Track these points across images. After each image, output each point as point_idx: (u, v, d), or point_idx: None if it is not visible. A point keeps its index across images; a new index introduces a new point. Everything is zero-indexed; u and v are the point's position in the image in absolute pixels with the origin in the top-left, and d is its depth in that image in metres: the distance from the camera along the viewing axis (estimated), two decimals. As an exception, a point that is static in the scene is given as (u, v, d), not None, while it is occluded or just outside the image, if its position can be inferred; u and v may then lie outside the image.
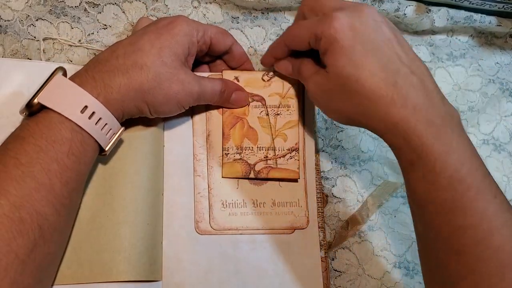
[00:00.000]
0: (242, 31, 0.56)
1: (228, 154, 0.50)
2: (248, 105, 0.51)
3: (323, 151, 0.55)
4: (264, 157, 0.50)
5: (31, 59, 0.51)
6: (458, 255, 0.37)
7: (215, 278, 0.47)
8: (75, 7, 0.53)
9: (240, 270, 0.48)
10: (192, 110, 0.50)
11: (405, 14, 0.57)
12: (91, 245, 0.43)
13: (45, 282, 0.39)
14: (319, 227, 0.50)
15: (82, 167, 0.40)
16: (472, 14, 0.59)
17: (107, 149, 0.42)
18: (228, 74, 0.51)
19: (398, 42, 0.41)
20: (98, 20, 0.53)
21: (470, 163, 0.38)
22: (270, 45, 0.50)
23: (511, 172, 0.59)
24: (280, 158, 0.50)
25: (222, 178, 0.50)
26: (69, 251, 0.43)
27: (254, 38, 0.56)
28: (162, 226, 0.47)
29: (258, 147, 0.50)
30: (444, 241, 0.38)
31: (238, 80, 0.51)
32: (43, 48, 0.51)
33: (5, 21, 0.51)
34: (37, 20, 0.51)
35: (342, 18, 0.40)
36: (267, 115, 0.51)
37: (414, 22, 0.58)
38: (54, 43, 0.52)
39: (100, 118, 0.40)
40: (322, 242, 0.50)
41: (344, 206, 0.54)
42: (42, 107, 0.39)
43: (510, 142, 0.61)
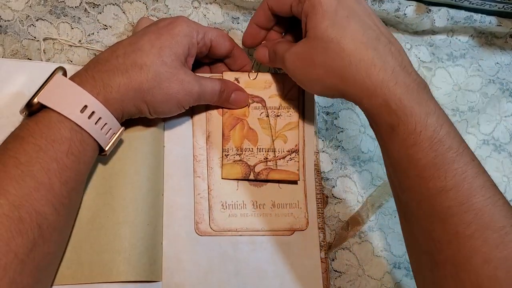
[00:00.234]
0: (242, 32, 0.56)
1: (228, 155, 0.50)
2: (248, 106, 0.51)
3: (323, 151, 0.55)
4: (264, 158, 0.50)
5: (31, 59, 0.51)
6: (442, 221, 0.38)
7: (215, 279, 0.47)
8: (75, 7, 0.53)
9: (240, 271, 0.48)
10: (192, 111, 0.50)
11: (405, 14, 0.57)
12: (91, 245, 0.43)
13: (44, 281, 0.39)
14: (319, 228, 0.50)
15: (82, 166, 0.40)
16: (472, 14, 0.59)
17: (107, 149, 0.42)
18: (229, 75, 0.51)
19: (376, 17, 0.43)
20: (98, 20, 0.53)
21: (448, 126, 0.39)
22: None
23: (511, 173, 0.59)
24: (280, 159, 0.50)
25: (222, 179, 0.50)
26: (69, 251, 0.43)
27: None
28: (162, 226, 0.47)
29: (258, 149, 0.50)
30: (427, 206, 0.39)
31: (238, 82, 0.51)
32: (43, 48, 0.51)
33: (5, 21, 0.51)
34: (37, 20, 0.51)
35: None
36: (267, 116, 0.51)
37: (414, 22, 0.58)
38: (54, 43, 0.52)
39: (99, 118, 0.40)
40: (322, 243, 0.50)
41: (344, 206, 0.54)
42: (42, 107, 0.39)
43: (510, 142, 0.61)
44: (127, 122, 0.45)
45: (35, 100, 0.39)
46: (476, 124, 0.60)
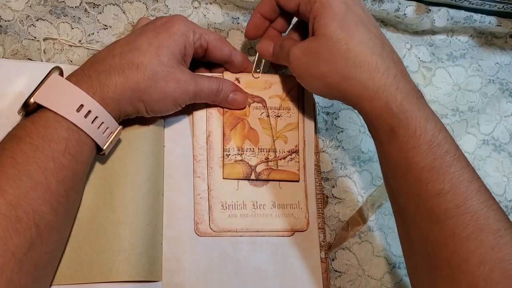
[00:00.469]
0: (242, 32, 0.56)
1: (229, 155, 0.50)
2: (249, 106, 0.51)
3: (324, 151, 0.55)
4: (265, 158, 0.50)
5: (31, 59, 0.51)
6: (439, 223, 0.38)
7: (215, 279, 0.47)
8: (76, 7, 0.53)
9: (240, 271, 0.48)
10: (192, 110, 0.50)
11: (405, 14, 0.57)
12: (91, 245, 0.43)
13: (43, 281, 0.39)
14: (319, 228, 0.50)
15: (79, 166, 0.40)
16: (472, 14, 0.59)
17: (105, 148, 0.42)
18: (229, 75, 0.51)
19: (379, 27, 0.45)
20: (98, 20, 0.53)
21: (445, 132, 0.41)
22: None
23: (511, 173, 0.59)
24: (280, 160, 0.50)
25: (222, 179, 0.50)
26: (68, 251, 0.43)
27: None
28: (162, 226, 0.47)
29: (259, 149, 0.50)
30: (425, 209, 0.39)
31: (239, 82, 0.51)
32: (44, 49, 0.51)
33: (5, 21, 0.51)
34: (37, 20, 0.51)
35: None
36: (268, 116, 0.51)
37: (414, 22, 0.58)
38: (54, 43, 0.52)
39: (96, 117, 0.40)
40: (322, 243, 0.50)
41: (344, 206, 0.54)
42: (39, 107, 0.39)
43: (510, 142, 0.61)
44: (127, 122, 0.45)
45: (32, 100, 0.39)
46: (476, 124, 0.60)
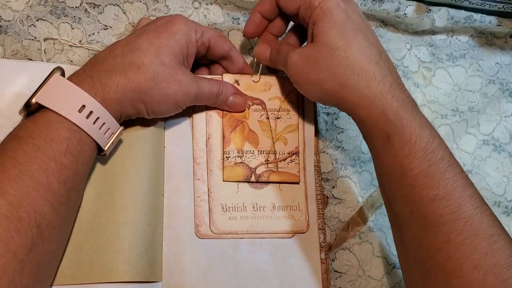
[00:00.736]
0: (242, 32, 0.56)
1: (229, 157, 0.50)
2: (249, 108, 0.51)
3: (324, 152, 0.55)
4: (265, 160, 0.50)
5: (31, 59, 0.51)
6: (434, 228, 0.39)
7: (215, 280, 0.47)
8: (76, 7, 0.53)
9: (240, 272, 0.48)
10: (192, 112, 0.50)
11: (405, 14, 0.57)
12: (91, 245, 0.43)
13: (44, 281, 0.39)
14: (319, 229, 0.50)
15: (80, 166, 0.40)
16: (472, 14, 0.59)
17: (106, 148, 0.42)
18: (229, 77, 0.51)
19: (376, 35, 0.46)
20: (98, 20, 0.53)
21: (439, 139, 0.41)
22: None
23: (511, 173, 0.59)
24: (280, 161, 0.50)
25: (222, 181, 0.50)
26: (69, 251, 0.43)
27: (255, 39, 0.56)
28: (162, 227, 0.47)
29: (259, 151, 0.50)
30: (420, 214, 0.40)
31: (238, 84, 0.51)
32: (44, 49, 0.51)
33: (5, 21, 0.51)
34: (37, 20, 0.51)
35: (339, 1, 0.44)
36: (268, 118, 0.51)
37: (415, 22, 0.58)
38: (54, 44, 0.52)
39: (98, 118, 0.40)
40: (322, 243, 0.50)
41: (344, 207, 0.54)
42: (40, 107, 0.39)
43: (510, 142, 0.61)
44: (128, 123, 0.45)
45: (33, 100, 0.39)
46: (476, 124, 0.60)
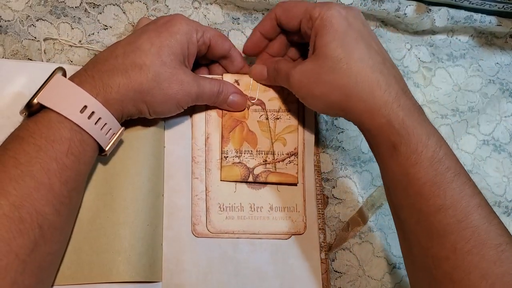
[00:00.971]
0: (242, 32, 0.56)
1: (227, 157, 0.50)
2: (248, 108, 0.51)
3: (324, 152, 0.55)
4: (263, 161, 0.50)
5: (31, 59, 0.50)
6: (440, 238, 0.38)
7: (215, 280, 0.47)
8: (76, 7, 0.53)
9: (240, 271, 0.48)
10: (192, 112, 0.50)
11: (405, 14, 0.57)
12: (91, 245, 0.43)
13: (46, 281, 0.39)
14: (319, 229, 0.50)
15: (82, 166, 0.40)
16: (472, 14, 0.59)
17: (107, 149, 0.42)
18: (229, 77, 0.51)
19: (379, 41, 0.45)
20: (98, 20, 0.53)
21: (446, 147, 0.41)
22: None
23: (511, 173, 0.59)
24: (279, 162, 0.50)
25: (220, 181, 0.50)
26: (69, 251, 0.43)
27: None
28: (162, 227, 0.47)
29: (257, 151, 0.50)
30: (426, 223, 0.39)
31: (238, 84, 0.51)
32: (44, 49, 0.51)
33: (5, 21, 0.51)
34: (37, 20, 0.51)
35: (339, 9, 0.44)
36: (267, 119, 0.51)
37: (415, 22, 0.58)
38: (54, 44, 0.52)
39: (99, 118, 0.40)
40: (322, 243, 0.50)
41: (344, 207, 0.54)
42: (42, 107, 0.39)
43: (510, 142, 0.61)
44: (128, 123, 0.45)
45: (35, 100, 0.39)
46: (476, 124, 0.60)
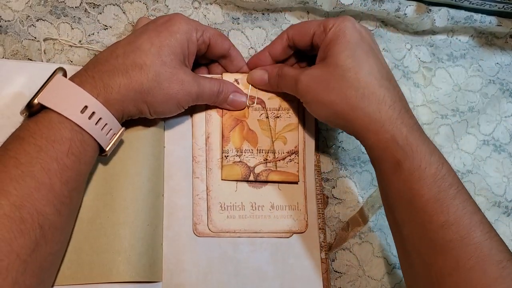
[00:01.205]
0: (242, 32, 0.56)
1: (228, 156, 0.50)
2: (248, 107, 0.51)
3: (324, 152, 0.55)
4: (264, 159, 0.50)
5: (31, 59, 0.50)
6: (443, 254, 0.39)
7: (215, 279, 0.47)
8: (76, 7, 0.53)
9: (240, 271, 0.48)
10: (192, 112, 0.50)
11: (405, 14, 0.57)
12: (91, 245, 0.43)
13: (47, 281, 0.39)
14: (319, 229, 0.50)
15: (82, 166, 0.40)
16: (472, 14, 0.59)
17: (107, 149, 0.42)
18: (228, 76, 0.51)
19: (384, 59, 0.46)
20: (98, 20, 0.53)
21: (447, 165, 0.42)
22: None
23: (511, 173, 0.59)
24: (279, 161, 0.50)
25: (221, 180, 0.50)
26: (69, 251, 0.43)
27: (255, 39, 0.56)
28: (162, 227, 0.47)
29: (258, 150, 0.50)
30: (429, 239, 0.40)
31: (238, 83, 0.51)
32: (44, 49, 0.51)
33: (5, 21, 0.51)
34: (37, 20, 0.51)
35: (354, 22, 0.45)
36: (267, 117, 0.51)
37: (415, 22, 0.58)
38: (54, 44, 0.52)
39: (100, 118, 0.40)
40: (322, 243, 0.50)
41: (344, 207, 0.54)
42: (42, 108, 0.39)
43: (510, 142, 0.61)
44: (128, 123, 0.45)
45: (36, 101, 0.39)
46: (476, 124, 0.60)
